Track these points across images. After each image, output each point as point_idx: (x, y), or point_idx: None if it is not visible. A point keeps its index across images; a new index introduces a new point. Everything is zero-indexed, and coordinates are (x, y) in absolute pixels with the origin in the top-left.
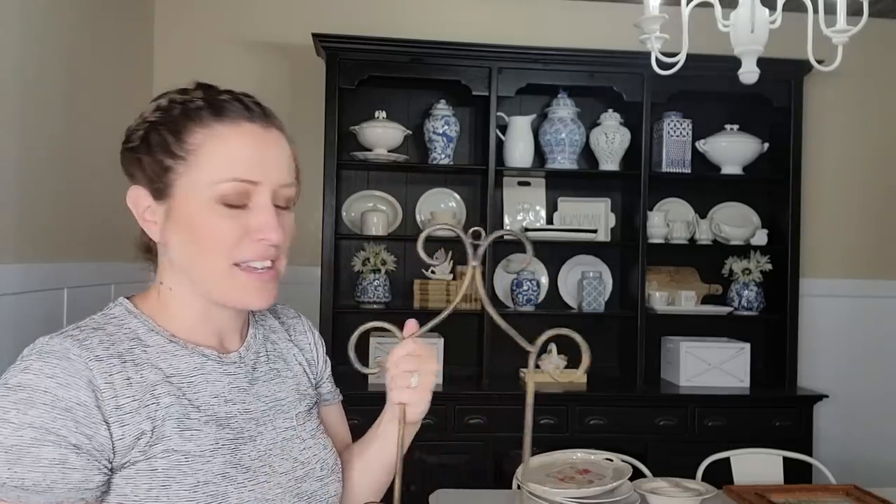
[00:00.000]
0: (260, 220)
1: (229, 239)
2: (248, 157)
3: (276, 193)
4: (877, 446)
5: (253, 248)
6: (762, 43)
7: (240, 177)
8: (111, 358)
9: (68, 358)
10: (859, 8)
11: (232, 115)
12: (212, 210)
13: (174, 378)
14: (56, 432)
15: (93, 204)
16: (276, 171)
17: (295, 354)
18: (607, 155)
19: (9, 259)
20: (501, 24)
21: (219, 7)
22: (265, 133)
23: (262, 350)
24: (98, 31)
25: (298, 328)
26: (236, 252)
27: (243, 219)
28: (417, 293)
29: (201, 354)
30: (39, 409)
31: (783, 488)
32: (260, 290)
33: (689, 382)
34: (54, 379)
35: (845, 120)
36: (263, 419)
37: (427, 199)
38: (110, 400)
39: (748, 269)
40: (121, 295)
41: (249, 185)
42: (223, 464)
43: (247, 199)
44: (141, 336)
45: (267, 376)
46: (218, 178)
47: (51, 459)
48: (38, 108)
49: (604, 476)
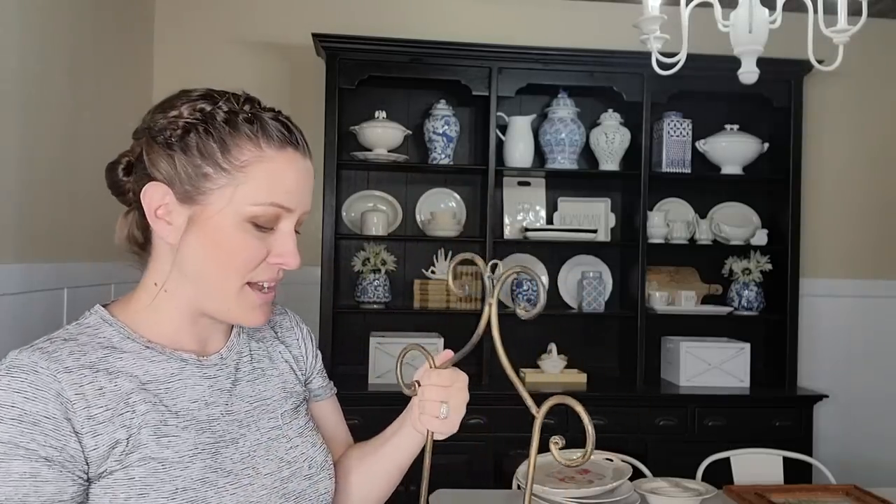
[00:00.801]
0: (283, 247)
1: (253, 260)
2: (288, 185)
3: (299, 220)
4: (877, 446)
5: (269, 270)
6: (762, 43)
7: (278, 202)
8: (82, 369)
9: (35, 371)
10: (859, 8)
11: (280, 139)
12: (241, 228)
13: (150, 385)
14: (25, 446)
15: (93, 204)
16: (307, 201)
17: (281, 352)
18: (607, 155)
19: (9, 259)
20: (501, 24)
21: (219, 7)
22: (303, 161)
23: (245, 350)
24: (98, 30)
25: (285, 324)
26: (254, 273)
27: (267, 241)
28: (417, 293)
29: (179, 359)
30: (7, 424)
31: (783, 488)
32: (262, 308)
33: (689, 382)
34: (21, 393)
35: (845, 120)
36: (247, 420)
37: (427, 199)
38: (81, 411)
39: (748, 269)
40: (121, 294)
41: (283, 211)
42: (203, 469)
43: (275, 223)
44: (115, 344)
45: (250, 376)
46: (257, 200)
47: (21, 473)
48: (39, 108)
49: (604, 476)
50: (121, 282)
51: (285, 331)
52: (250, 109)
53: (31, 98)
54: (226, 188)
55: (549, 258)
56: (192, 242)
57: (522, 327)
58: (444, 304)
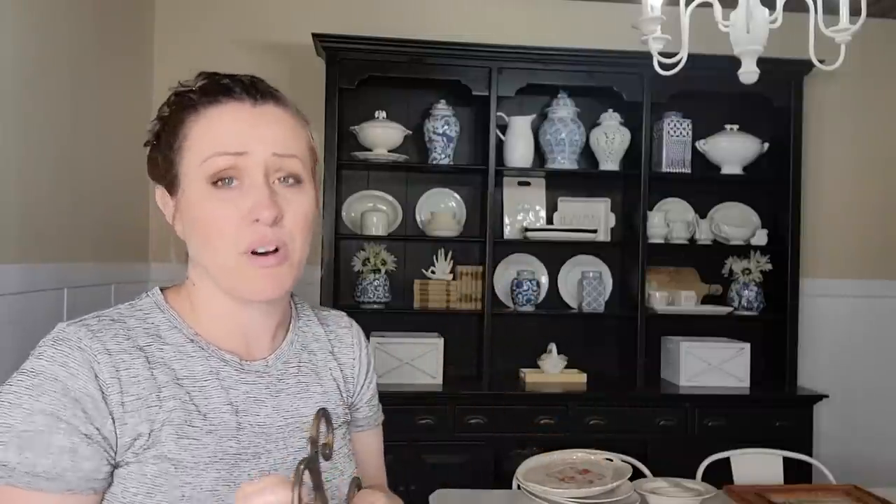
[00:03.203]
0: (251, 198)
1: (228, 225)
2: (231, 131)
3: (273, 167)
4: (877, 446)
5: (251, 231)
6: (762, 43)
7: (222, 150)
8: (122, 353)
9: (80, 348)
10: (859, 7)
11: (220, 97)
12: (206, 196)
13: (185, 381)
14: (67, 420)
15: (94, 204)
16: (267, 142)
17: (331, 369)
18: (607, 155)
19: (9, 259)
20: (501, 24)
21: (219, 7)
22: (254, 108)
23: (293, 361)
24: (98, 31)
25: (346, 340)
26: (239, 239)
27: (239, 202)
28: (417, 293)
29: (220, 359)
30: (50, 395)
31: (783, 488)
32: (268, 277)
33: (689, 382)
34: (65, 368)
35: (845, 120)
36: (277, 436)
37: (427, 199)
38: (114, 395)
39: (748, 269)
40: (121, 295)
41: (236, 158)
42: (215, 480)
43: (238, 176)
44: (161, 333)
45: (293, 389)
46: (203, 156)
47: (61, 447)
48: (39, 109)
49: (604, 476)
50: (121, 282)
51: (343, 346)
52: (199, 84)
53: (32, 98)
54: (184, 165)
55: (549, 258)
56: (185, 230)
57: (522, 327)
58: (444, 304)
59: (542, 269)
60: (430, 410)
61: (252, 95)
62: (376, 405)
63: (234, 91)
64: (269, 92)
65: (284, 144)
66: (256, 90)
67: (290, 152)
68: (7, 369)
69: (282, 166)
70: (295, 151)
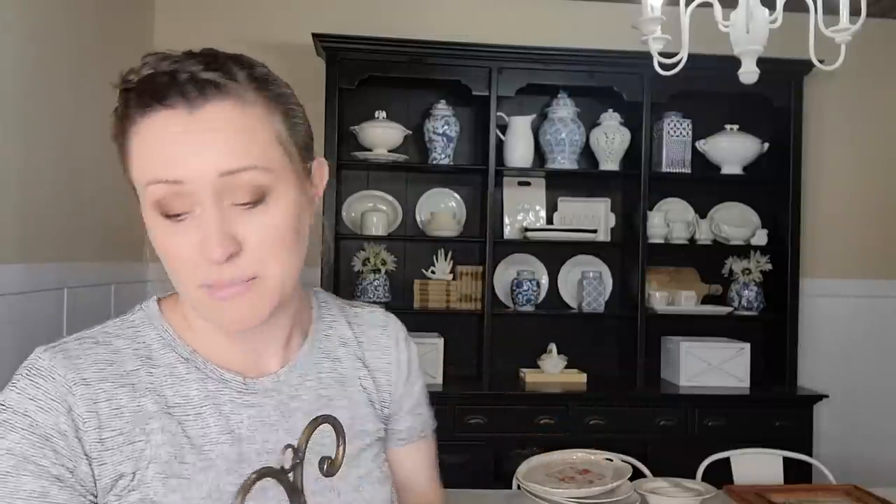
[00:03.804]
0: (200, 233)
1: (183, 259)
2: (163, 154)
3: (224, 188)
4: (877, 446)
5: (206, 268)
6: (762, 43)
7: (157, 177)
8: (102, 382)
9: (52, 378)
10: (859, 7)
11: (153, 103)
12: (158, 224)
13: (177, 409)
14: (35, 462)
15: (94, 204)
16: (208, 160)
17: (361, 378)
18: (607, 155)
19: (10, 259)
20: (501, 24)
21: (219, 7)
22: (190, 116)
23: (311, 372)
24: (98, 31)
25: (381, 341)
26: (195, 275)
27: (190, 235)
28: (417, 293)
29: (219, 379)
30: (18, 433)
31: (783, 488)
32: (235, 309)
33: (689, 382)
34: (34, 401)
35: (845, 120)
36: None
37: (427, 199)
38: (92, 432)
39: (748, 269)
40: (121, 295)
41: (175, 187)
42: None
43: (185, 207)
44: (153, 353)
45: (311, 407)
46: (142, 183)
47: (30, 491)
48: (39, 109)
49: (604, 476)
50: (121, 282)
51: (376, 350)
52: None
53: (32, 98)
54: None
55: (549, 258)
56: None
57: (522, 327)
58: (444, 304)
59: (542, 269)
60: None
61: (187, 99)
62: (422, 413)
63: (165, 97)
64: (214, 84)
65: (232, 158)
66: (196, 87)
67: (243, 165)
68: (7, 369)
69: (234, 184)
70: (249, 161)
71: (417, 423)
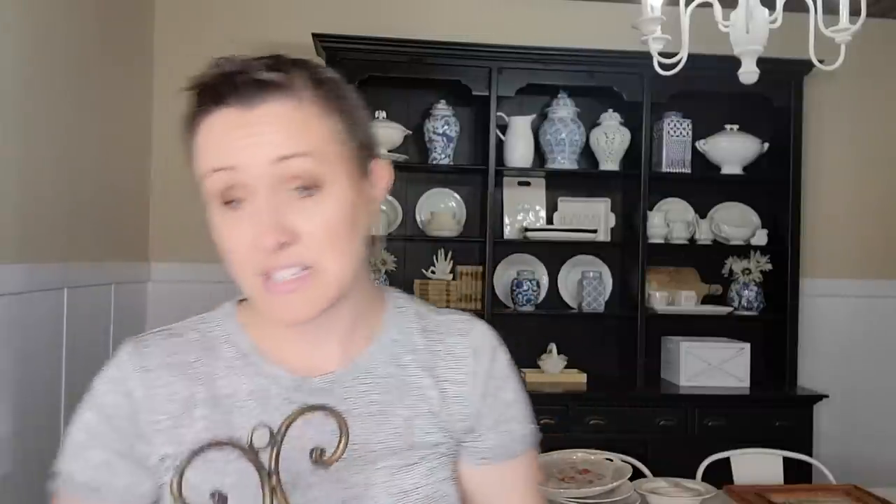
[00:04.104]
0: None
1: (241, 249)
2: (221, 144)
3: (278, 176)
4: (877, 446)
5: (261, 257)
6: (762, 43)
7: (215, 165)
8: (161, 369)
9: (120, 365)
10: (859, 7)
11: (211, 105)
12: (220, 214)
13: (226, 400)
14: (101, 436)
15: (94, 204)
16: (263, 147)
17: (425, 387)
18: (607, 155)
19: (9, 259)
20: (501, 24)
21: (219, 7)
22: (246, 112)
23: (369, 375)
24: (98, 31)
25: (456, 351)
26: (252, 264)
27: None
28: (417, 293)
29: (270, 375)
30: (93, 412)
31: (783, 488)
32: (290, 302)
33: (689, 382)
34: (107, 384)
35: (845, 120)
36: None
37: (427, 199)
38: (146, 414)
39: (748, 269)
40: (121, 295)
41: (231, 174)
42: None
43: (244, 195)
44: (216, 346)
45: (363, 412)
46: (202, 173)
47: (97, 462)
48: (39, 108)
49: (604, 476)
50: (121, 282)
51: (451, 360)
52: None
53: (32, 98)
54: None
55: (549, 258)
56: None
57: (522, 326)
58: (444, 304)
59: (542, 269)
60: None
61: (245, 98)
62: (514, 430)
63: (223, 97)
64: (274, 84)
65: (287, 144)
66: (253, 88)
67: (295, 150)
68: (7, 369)
69: (288, 172)
70: (302, 148)
71: (505, 440)
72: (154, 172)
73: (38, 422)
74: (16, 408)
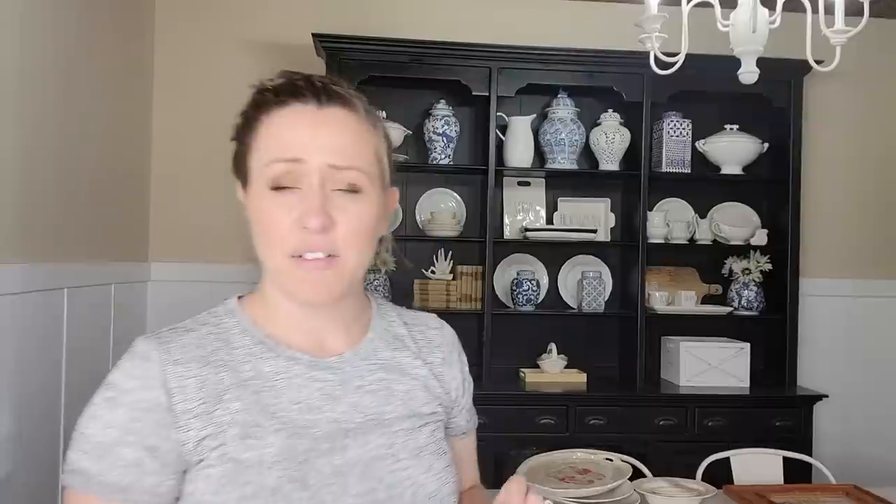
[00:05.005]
0: (303, 205)
1: (282, 227)
2: (291, 137)
3: (329, 176)
4: (876, 446)
5: (300, 236)
6: (762, 43)
7: (280, 156)
8: (189, 362)
9: (148, 360)
10: (859, 8)
11: (288, 97)
12: (267, 196)
13: (253, 382)
14: (136, 433)
15: (93, 204)
16: (325, 151)
17: (417, 367)
18: (607, 155)
19: (9, 259)
20: (501, 24)
21: (218, 7)
22: (318, 110)
23: (372, 357)
24: (98, 30)
25: (435, 340)
26: (287, 243)
27: (293, 207)
28: (417, 293)
29: (289, 357)
30: (123, 409)
31: (783, 488)
32: (314, 282)
33: (689, 382)
34: (136, 380)
35: (845, 120)
36: (356, 432)
37: (427, 199)
38: (180, 404)
39: (748, 269)
40: (121, 295)
41: (294, 165)
42: (279, 478)
43: (296, 183)
44: (231, 337)
45: (374, 387)
46: (266, 160)
47: (128, 460)
48: (39, 108)
49: (604, 476)
50: (121, 282)
51: (433, 348)
52: (273, 83)
53: (32, 98)
54: (251, 162)
55: (549, 258)
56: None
57: (522, 327)
58: (444, 304)
59: (542, 269)
60: None
61: (318, 97)
62: (472, 412)
63: (301, 93)
64: (340, 94)
65: (343, 155)
66: (325, 92)
67: (349, 164)
68: (7, 369)
69: (338, 176)
70: (354, 163)
71: (471, 419)
72: (154, 172)
73: (38, 422)
74: (16, 408)
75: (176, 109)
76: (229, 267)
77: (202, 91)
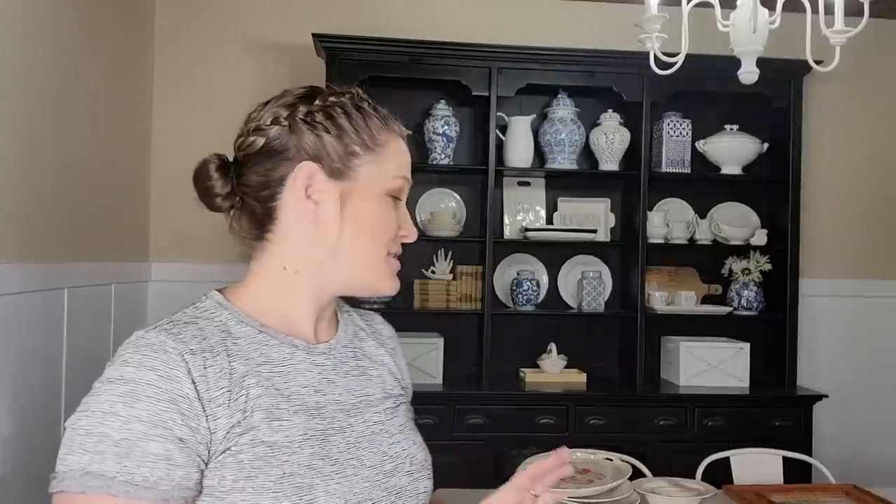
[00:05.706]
0: (406, 220)
1: (392, 231)
2: (407, 160)
3: None
4: (876, 446)
5: (399, 242)
6: (762, 43)
7: (404, 174)
8: (204, 352)
9: (165, 350)
10: (859, 8)
11: (395, 126)
12: (383, 201)
13: (264, 368)
14: (163, 425)
15: (93, 204)
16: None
17: (381, 355)
18: (607, 155)
19: (9, 259)
20: (501, 24)
21: (219, 7)
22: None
23: (349, 346)
24: (99, 31)
25: (385, 333)
26: (392, 245)
27: (398, 216)
28: (417, 293)
29: (290, 344)
30: (145, 401)
31: (783, 488)
32: (396, 278)
33: (689, 382)
34: (155, 371)
35: (845, 120)
36: (354, 411)
37: (427, 200)
38: (205, 392)
39: (748, 269)
40: (121, 294)
41: (406, 183)
42: (310, 455)
43: (401, 195)
44: (231, 328)
45: (355, 371)
46: (396, 173)
47: (156, 455)
48: (39, 108)
49: (604, 476)
50: (121, 282)
51: (385, 339)
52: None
53: (32, 98)
54: (371, 165)
55: (549, 258)
56: (343, 218)
57: (522, 327)
58: (444, 304)
59: (542, 269)
60: (430, 410)
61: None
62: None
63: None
64: None
65: None
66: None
67: None
68: (7, 369)
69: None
70: None
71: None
72: (154, 172)
73: (38, 422)
74: (16, 408)
75: (176, 110)
76: (229, 267)
77: (202, 91)
